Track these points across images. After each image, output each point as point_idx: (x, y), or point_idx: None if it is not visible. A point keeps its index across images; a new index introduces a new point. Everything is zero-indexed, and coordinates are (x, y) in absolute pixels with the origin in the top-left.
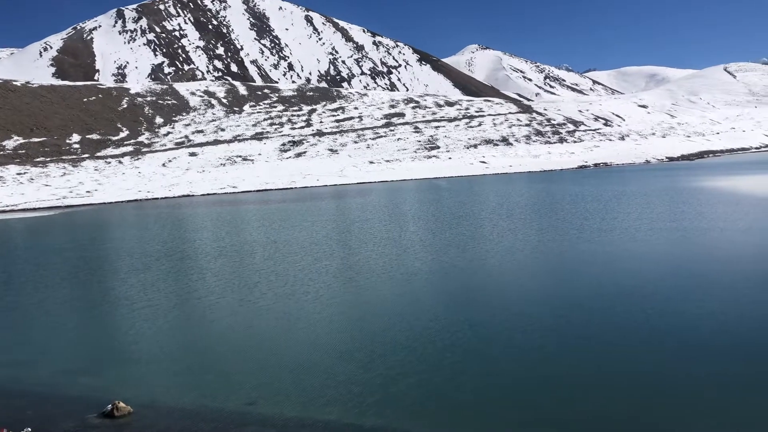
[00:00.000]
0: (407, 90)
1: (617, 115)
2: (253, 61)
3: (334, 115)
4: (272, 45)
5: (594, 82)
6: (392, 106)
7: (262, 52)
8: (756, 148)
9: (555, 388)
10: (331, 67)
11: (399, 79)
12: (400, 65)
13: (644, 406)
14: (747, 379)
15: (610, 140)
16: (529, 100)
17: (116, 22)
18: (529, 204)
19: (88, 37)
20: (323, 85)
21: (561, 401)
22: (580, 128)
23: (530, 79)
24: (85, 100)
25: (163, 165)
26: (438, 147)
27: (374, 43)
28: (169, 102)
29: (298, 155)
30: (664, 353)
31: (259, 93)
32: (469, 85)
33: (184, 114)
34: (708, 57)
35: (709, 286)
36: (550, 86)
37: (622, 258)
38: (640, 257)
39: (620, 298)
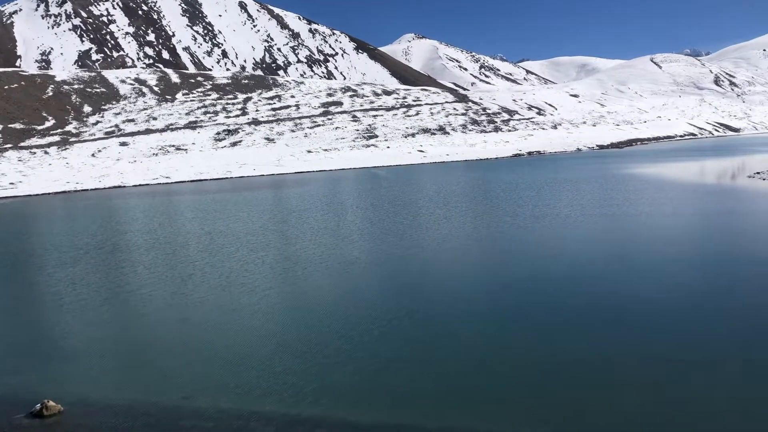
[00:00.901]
0: (345, 79)
1: (550, 105)
2: (186, 48)
3: (270, 104)
4: (205, 32)
5: (527, 71)
6: (330, 95)
7: (195, 39)
8: (680, 135)
9: (491, 371)
10: (267, 55)
11: (336, 68)
12: (336, 54)
13: (573, 386)
14: (670, 355)
15: (543, 129)
16: (465, 89)
17: (38, 5)
18: (465, 192)
19: (8, 21)
20: (258, 73)
21: (496, 384)
22: (515, 117)
23: (466, 69)
24: (6, 87)
25: (93, 155)
26: (376, 136)
27: (310, 30)
28: (98, 90)
29: (234, 144)
30: (595, 333)
31: (193, 81)
32: (406, 74)
33: (114, 102)
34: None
35: (636, 268)
36: (486, 76)
37: (554, 243)
38: (572, 242)
39: (552, 281)
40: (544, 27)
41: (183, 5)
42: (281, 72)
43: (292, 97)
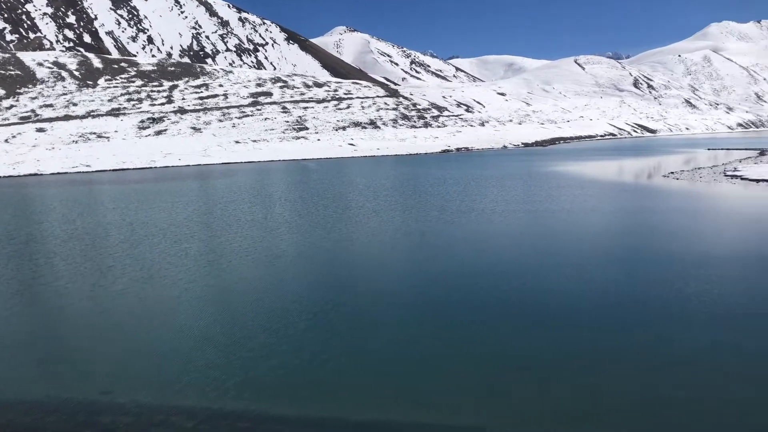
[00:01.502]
0: (275, 69)
1: (478, 102)
2: (109, 33)
3: (197, 92)
4: (130, 16)
5: (457, 69)
6: (259, 85)
7: (119, 23)
8: (601, 135)
9: (415, 364)
10: (194, 42)
11: (266, 58)
12: (267, 43)
13: (497, 381)
14: (587, 348)
15: (472, 126)
16: (396, 84)
17: None
18: (395, 186)
19: None
20: (186, 60)
21: (420, 376)
22: (444, 114)
23: (397, 64)
24: None
25: (6, 141)
26: (307, 128)
27: (240, 19)
28: (13, 72)
29: (159, 133)
30: (518, 327)
31: (116, 66)
32: (337, 67)
33: (30, 86)
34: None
35: (555, 264)
36: (416, 71)
37: (479, 238)
38: (496, 237)
39: (477, 276)
40: (474, 25)
41: None
42: (209, 60)
43: (221, 86)
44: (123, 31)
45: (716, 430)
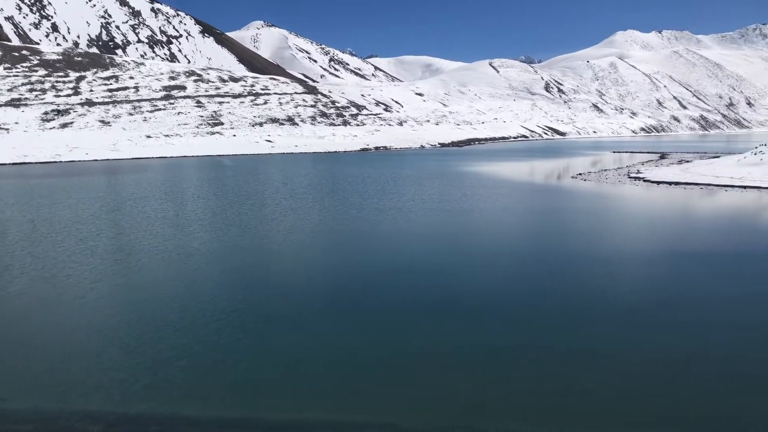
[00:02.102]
0: (189, 62)
1: (396, 102)
2: (9, 18)
3: (106, 84)
4: (32, 1)
5: (376, 68)
6: (172, 78)
7: (20, 9)
8: (514, 137)
9: (331, 363)
10: (104, 32)
11: (180, 51)
12: (181, 35)
13: (417, 377)
14: (499, 341)
15: (390, 125)
16: (314, 81)
17: None
18: (312, 184)
19: None
20: (94, 50)
21: (336, 375)
22: (363, 112)
23: (315, 61)
24: None
25: None
26: (222, 123)
27: (153, 9)
28: None
29: (64, 126)
30: (430, 323)
31: (17, 54)
32: (254, 62)
33: None
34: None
35: (469, 262)
36: (335, 69)
37: (396, 236)
38: (413, 235)
39: (393, 274)
40: (393, 25)
41: None
42: (119, 51)
43: (131, 78)
44: (24, 17)
45: (612, 416)
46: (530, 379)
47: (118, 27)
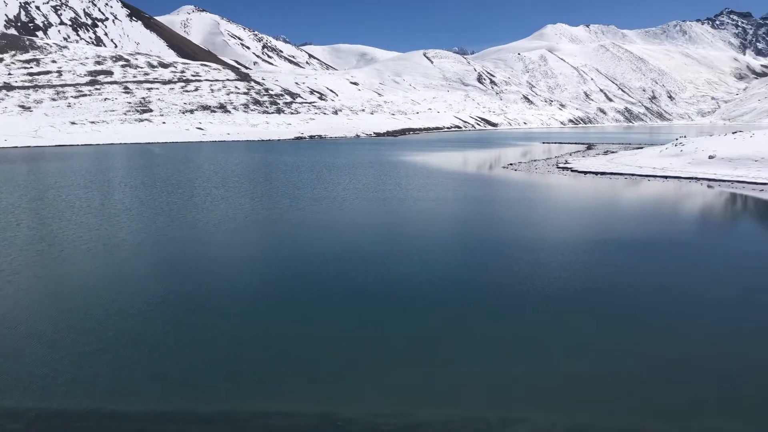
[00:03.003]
0: (116, 47)
1: (331, 90)
2: None
3: (26, 68)
4: None
5: (310, 56)
6: (98, 63)
7: None
8: (448, 127)
9: (262, 351)
10: (23, 13)
11: (106, 34)
12: (107, 18)
13: (339, 360)
14: (431, 324)
15: (325, 114)
16: (247, 68)
17: None
18: (245, 173)
19: None
20: (12, 32)
21: (269, 365)
22: (297, 100)
23: (248, 47)
24: None
25: None
26: (151, 110)
27: None
28: None
29: None
30: (364, 312)
31: None
32: (185, 48)
33: None
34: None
35: (402, 250)
36: (268, 56)
37: (330, 225)
38: (347, 225)
39: (328, 263)
40: (328, 13)
41: None
42: (40, 33)
43: (54, 62)
44: None
45: (534, 398)
46: (461, 364)
47: (38, 8)
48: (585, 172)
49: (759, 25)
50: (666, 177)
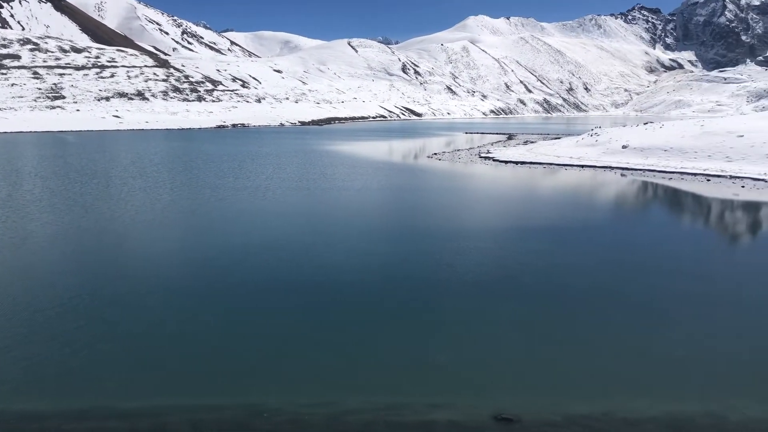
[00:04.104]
0: (23, 29)
1: (254, 78)
2: None
3: None
4: None
5: (232, 42)
6: (4, 46)
7: None
8: (373, 117)
9: (178, 344)
10: None
11: (12, 16)
12: (13, 0)
13: (249, 350)
14: (354, 313)
15: (248, 102)
16: (166, 54)
17: None
18: (165, 162)
19: None
20: None
21: (189, 358)
22: (219, 88)
23: (167, 33)
24: None
25: None
26: (63, 97)
27: None
28: None
29: None
30: (300, 299)
31: None
32: (99, 32)
33: None
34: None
35: (326, 240)
36: (188, 42)
37: (251, 215)
38: (270, 215)
39: (248, 254)
40: None
41: None
42: None
43: None
44: None
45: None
46: (384, 351)
47: None
48: (506, 162)
49: (667, 20)
50: (582, 166)
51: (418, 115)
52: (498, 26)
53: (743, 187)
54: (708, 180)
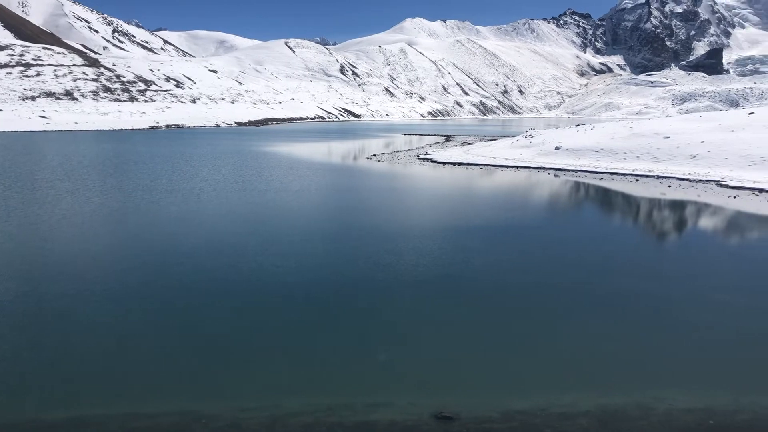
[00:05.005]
0: None
1: (189, 78)
2: None
3: None
4: None
5: (165, 41)
6: None
7: None
8: (311, 118)
9: (106, 351)
10: None
11: None
12: None
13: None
14: (297, 314)
15: (182, 102)
16: (96, 53)
17: None
18: (95, 164)
19: None
20: None
21: (113, 365)
22: (152, 88)
23: (97, 31)
24: None
25: None
26: None
27: None
28: None
29: None
30: (234, 302)
31: None
32: (24, 29)
33: None
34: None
35: (263, 242)
36: (120, 41)
37: (186, 217)
38: (207, 216)
39: (186, 258)
40: None
41: None
42: None
43: None
44: None
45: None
46: (322, 353)
47: None
48: (444, 163)
49: (597, 25)
50: (517, 167)
51: (357, 116)
52: (435, 29)
53: (669, 186)
54: (637, 180)
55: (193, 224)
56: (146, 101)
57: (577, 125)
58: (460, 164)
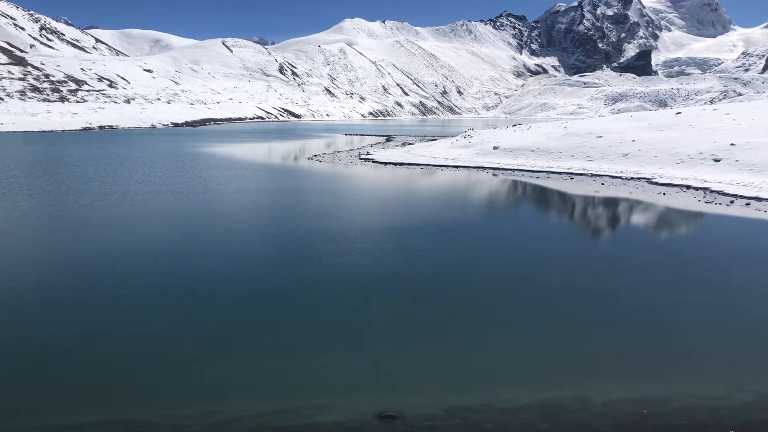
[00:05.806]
0: None
1: (122, 78)
2: None
3: None
4: None
5: (97, 40)
6: None
7: None
8: (251, 118)
9: (52, 360)
10: None
11: None
12: None
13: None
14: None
15: (116, 102)
16: (22, 51)
17: None
18: (21, 167)
19: None
20: None
21: (85, 366)
22: (83, 88)
23: (23, 28)
24: None
25: None
26: None
27: None
28: None
29: None
30: (173, 305)
31: None
32: None
33: None
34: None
35: (202, 245)
36: (48, 39)
37: (119, 221)
38: (138, 219)
39: (119, 263)
40: None
41: None
42: None
43: None
44: None
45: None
46: (267, 355)
47: None
48: (385, 163)
49: (532, 27)
50: (457, 167)
51: (297, 116)
52: (374, 29)
53: (603, 184)
54: (572, 178)
55: (126, 228)
56: (78, 101)
57: (514, 125)
58: (401, 164)
